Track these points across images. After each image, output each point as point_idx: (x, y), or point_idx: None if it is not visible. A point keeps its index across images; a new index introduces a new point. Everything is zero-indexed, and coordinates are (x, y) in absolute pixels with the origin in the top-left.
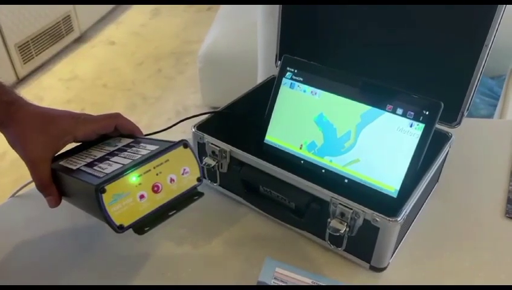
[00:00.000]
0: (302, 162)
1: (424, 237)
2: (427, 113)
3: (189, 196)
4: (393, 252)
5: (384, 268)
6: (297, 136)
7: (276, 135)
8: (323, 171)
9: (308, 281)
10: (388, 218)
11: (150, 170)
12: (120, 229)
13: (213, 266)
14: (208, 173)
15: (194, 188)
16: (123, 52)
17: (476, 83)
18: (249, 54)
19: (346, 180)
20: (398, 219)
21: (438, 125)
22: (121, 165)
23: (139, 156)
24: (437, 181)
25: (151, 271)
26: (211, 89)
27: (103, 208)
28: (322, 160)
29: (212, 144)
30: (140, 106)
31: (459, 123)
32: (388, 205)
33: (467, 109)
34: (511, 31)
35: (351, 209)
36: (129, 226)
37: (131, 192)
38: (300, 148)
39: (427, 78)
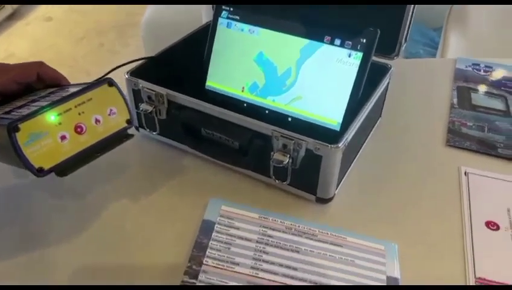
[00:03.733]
0: (245, 105)
1: (369, 168)
2: (364, 41)
3: (117, 138)
4: (339, 184)
5: (331, 199)
6: (238, 78)
7: (217, 80)
8: (266, 112)
9: (255, 215)
10: (330, 145)
11: (70, 109)
12: (39, 172)
13: (157, 214)
14: (146, 121)
15: (124, 130)
16: (61, 28)
17: (411, 12)
18: (192, 18)
19: (290, 119)
20: (339, 144)
21: (377, 59)
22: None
23: (60, 97)
24: (380, 116)
25: (92, 227)
26: None
27: (18, 148)
28: (265, 101)
29: (147, 88)
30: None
31: (397, 54)
32: (331, 137)
33: (405, 40)
34: None
35: (293, 139)
36: (50, 170)
37: (50, 132)
38: (243, 90)
39: (363, 10)
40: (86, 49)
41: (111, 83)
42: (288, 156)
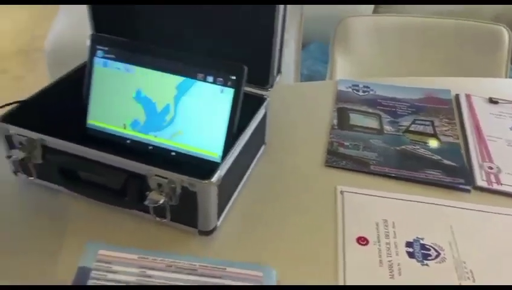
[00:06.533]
0: (128, 141)
1: (253, 195)
2: (234, 78)
3: None
4: (221, 214)
5: (213, 231)
6: (119, 116)
7: (99, 118)
8: (150, 147)
9: (134, 257)
10: (202, 181)
11: None
12: None
13: (33, 262)
14: (22, 167)
15: None
16: None
17: (278, 48)
18: None
19: (173, 153)
20: (213, 180)
21: (255, 90)
22: None
23: None
24: (264, 143)
25: None
26: None
27: None
28: (147, 136)
29: (18, 134)
30: None
31: (271, 86)
32: (213, 171)
33: (277, 72)
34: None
35: (167, 178)
36: None
37: None
38: (125, 127)
39: (238, 48)
40: None
41: None
42: (164, 194)
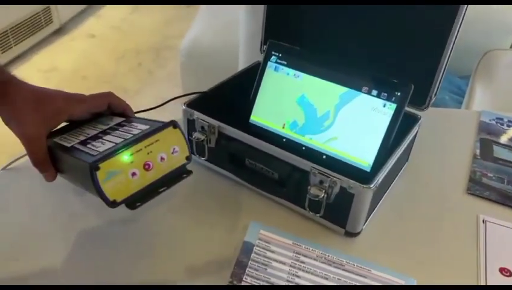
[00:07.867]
0: (284, 140)
1: (394, 208)
2: (398, 94)
3: (179, 174)
4: (366, 220)
5: (358, 233)
6: (280, 116)
7: (261, 115)
8: (303, 148)
9: (289, 241)
10: (362, 185)
11: (141, 149)
12: (113, 204)
13: (202, 230)
14: (197, 148)
15: (184, 166)
16: (103, 46)
17: (442, 70)
18: (230, 49)
19: (324, 156)
20: (371, 185)
21: (408, 109)
22: (114, 144)
23: (131, 135)
24: (407, 160)
25: (140, 246)
26: (192, 83)
27: (97, 184)
28: (303, 138)
29: (201, 119)
30: (121, 98)
31: (427, 106)
32: (362, 177)
33: (435, 94)
34: (477, 34)
35: (329, 177)
36: (122, 202)
37: (124, 170)
38: (283, 127)
39: (400, 65)
40: (124, 68)
41: (175, 126)
42: (323, 191)
